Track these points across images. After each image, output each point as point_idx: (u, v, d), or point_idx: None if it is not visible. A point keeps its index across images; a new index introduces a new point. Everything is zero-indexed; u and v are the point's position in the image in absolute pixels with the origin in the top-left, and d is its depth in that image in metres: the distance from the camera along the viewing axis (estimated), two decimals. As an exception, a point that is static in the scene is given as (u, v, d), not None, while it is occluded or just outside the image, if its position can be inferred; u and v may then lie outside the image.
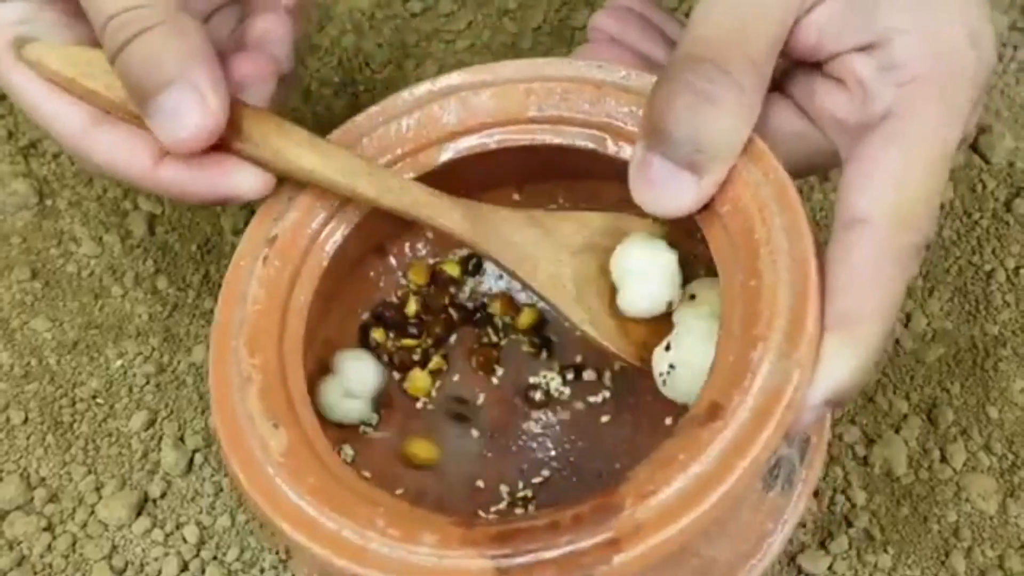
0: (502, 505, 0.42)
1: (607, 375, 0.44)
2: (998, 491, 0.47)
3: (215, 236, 0.53)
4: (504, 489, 0.42)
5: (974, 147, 0.54)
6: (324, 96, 0.58)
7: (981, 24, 0.36)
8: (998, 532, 0.46)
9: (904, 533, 0.46)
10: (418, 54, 0.59)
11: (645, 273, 0.38)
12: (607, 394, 0.44)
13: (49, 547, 0.45)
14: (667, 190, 0.35)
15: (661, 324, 0.38)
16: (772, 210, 0.34)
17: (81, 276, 0.51)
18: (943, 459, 0.48)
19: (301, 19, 0.44)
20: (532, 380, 0.44)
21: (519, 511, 0.41)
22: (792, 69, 0.39)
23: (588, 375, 0.44)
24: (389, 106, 0.41)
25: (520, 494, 0.42)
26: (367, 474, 0.40)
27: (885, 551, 0.46)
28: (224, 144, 0.37)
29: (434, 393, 0.44)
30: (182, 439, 0.48)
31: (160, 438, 0.48)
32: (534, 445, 0.43)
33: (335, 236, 0.39)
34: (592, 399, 0.44)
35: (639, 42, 0.45)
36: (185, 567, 0.45)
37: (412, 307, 0.45)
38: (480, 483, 0.42)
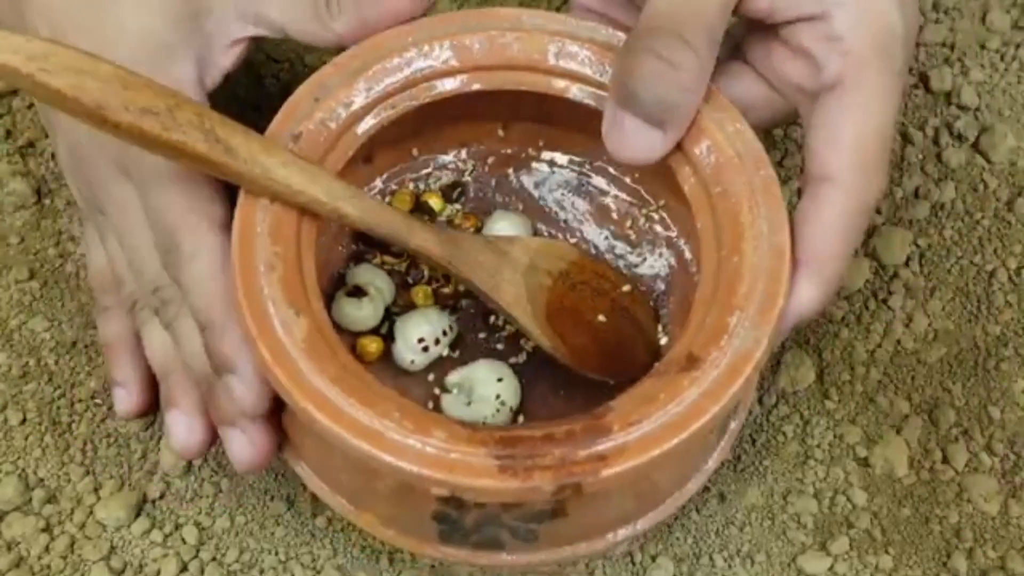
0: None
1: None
2: (1000, 492, 0.47)
3: (214, 235, 0.53)
4: None
5: (976, 146, 0.54)
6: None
7: None
8: (1000, 533, 0.46)
9: (905, 534, 0.46)
10: (418, 53, 0.59)
11: None
12: (529, 351, 0.45)
13: (47, 548, 0.45)
14: (638, 143, 0.40)
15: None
16: (759, 200, 0.40)
17: (79, 276, 0.51)
18: (944, 460, 0.47)
19: None
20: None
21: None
22: (748, 36, 0.43)
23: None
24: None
25: None
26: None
27: (886, 552, 0.45)
28: (210, 159, 0.37)
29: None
30: (181, 440, 0.47)
31: (159, 439, 0.47)
32: None
33: (355, 138, 0.42)
34: (520, 352, 0.45)
35: (623, 17, 0.46)
36: (184, 568, 0.45)
37: None
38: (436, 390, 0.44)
